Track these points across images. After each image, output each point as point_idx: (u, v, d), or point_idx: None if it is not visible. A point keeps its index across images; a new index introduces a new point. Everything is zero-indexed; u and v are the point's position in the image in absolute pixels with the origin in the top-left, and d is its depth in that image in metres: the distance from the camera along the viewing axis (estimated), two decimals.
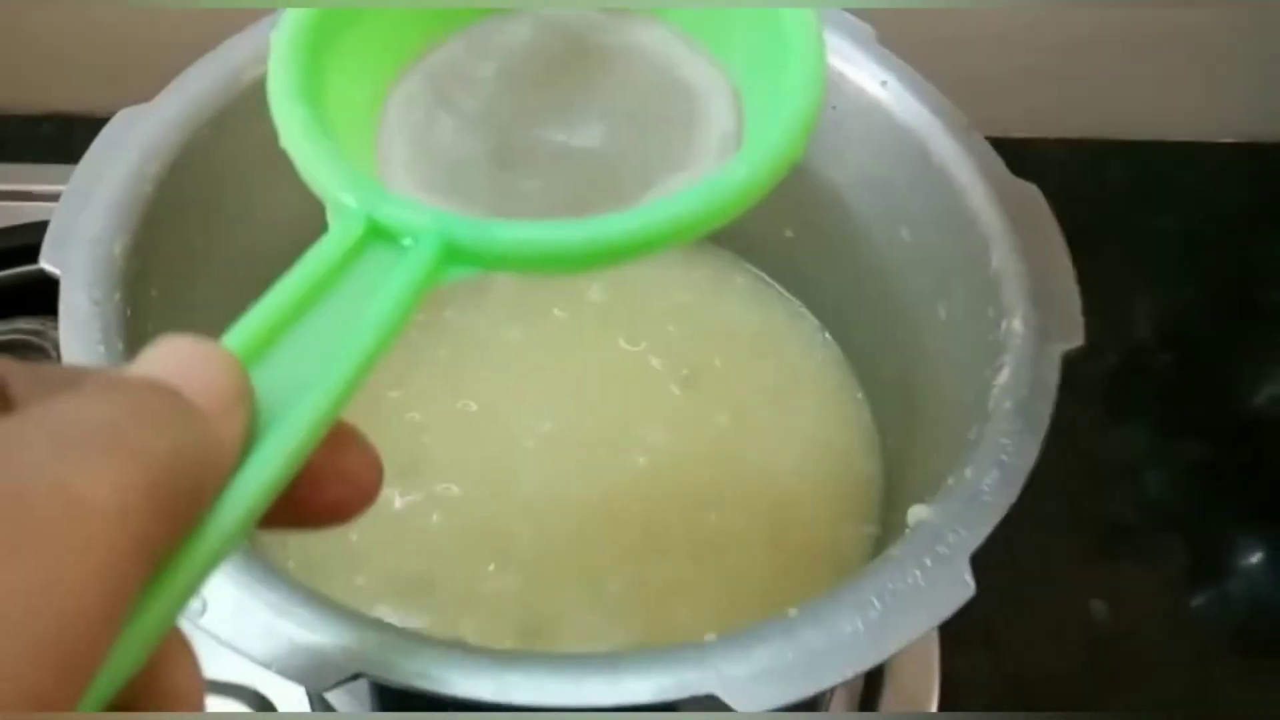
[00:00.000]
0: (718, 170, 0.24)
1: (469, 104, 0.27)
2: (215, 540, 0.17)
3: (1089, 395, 0.57)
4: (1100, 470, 0.55)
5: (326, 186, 0.23)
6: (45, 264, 0.33)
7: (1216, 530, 0.54)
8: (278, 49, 0.25)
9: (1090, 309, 0.36)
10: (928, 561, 0.29)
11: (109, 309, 0.33)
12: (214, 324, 0.19)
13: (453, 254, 0.22)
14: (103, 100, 0.62)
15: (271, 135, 0.39)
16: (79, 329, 0.32)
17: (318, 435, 0.19)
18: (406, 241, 0.22)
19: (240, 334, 0.19)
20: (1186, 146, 0.68)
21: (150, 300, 0.35)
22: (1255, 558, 0.54)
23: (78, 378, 0.17)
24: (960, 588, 0.29)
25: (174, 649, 0.17)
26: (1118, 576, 0.52)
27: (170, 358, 0.17)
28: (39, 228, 0.54)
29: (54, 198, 0.56)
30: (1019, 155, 0.64)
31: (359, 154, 0.25)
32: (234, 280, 0.39)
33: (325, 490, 0.19)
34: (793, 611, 0.28)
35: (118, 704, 0.15)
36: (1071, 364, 0.34)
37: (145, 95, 0.42)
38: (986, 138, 0.40)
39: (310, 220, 0.23)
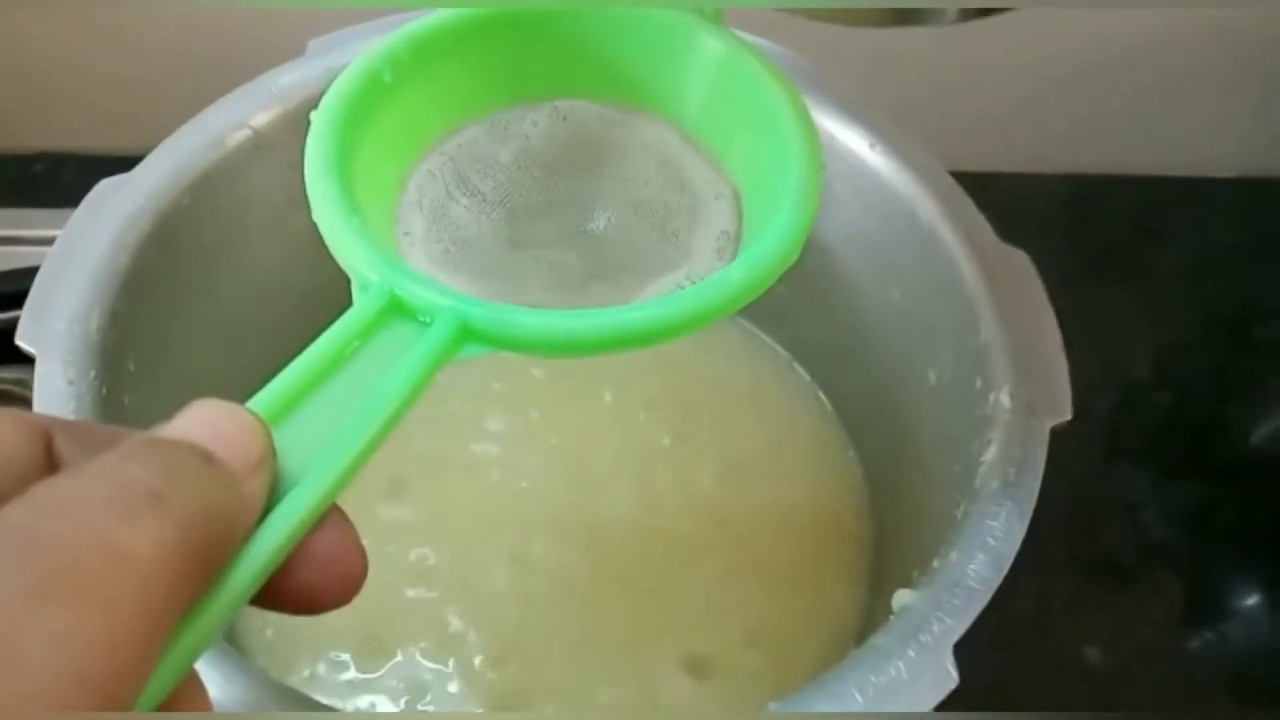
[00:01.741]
0: (719, 272, 0.25)
1: (485, 186, 0.29)
2: (235, 589, 0.18)
3: (1086, 434, 0.56)
4: (1095, 510, 0.55)
5: (353, 262, 0.24)
6: (21, 343, 0.33)
7: (1213, 571, 0.54)
8: (317, 127, 0.26)
9: (1088, 346, 0.35)
10: (911, 653, 0.29)
11: (83, 388, 0.32)
12: (191, 395, 0.20)
13: (468, 334, 0.23)
14: (94, 139, 0.62)
15: (251, 202, 0.39)
16: (54, 410, 0.32)
17: (331, 498, 0.20)
18: (425, 319, 0.23)
19: (265, 398, 0.21)
20: (1185, 182, 0.67)
21: (127, 374, 0.34)
22: (1252, 600, 0.53)
23: (115, 436, 0.19)
24: (944, 679, 0.28)
25: (191, 686, 0.18)
26: (1113, 618, 0.52)
27: (203, 420, 0.19)
28: (28, 274, 0.55)
29: (45, 242, 0.57)
30: (1019, 190, 0.64)
31: (379, 223, 0.27)
32: (212, 350, 0.39)
33: (294, 571, 0.19)
34: (773, 706, 0.28)
35: None
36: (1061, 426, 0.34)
37: (136, 134, 0.41)
38: (989, 173, 0.40)
39: (288, 289, 0.23)
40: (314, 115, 0.26)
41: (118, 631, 0.15)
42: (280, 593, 0.19)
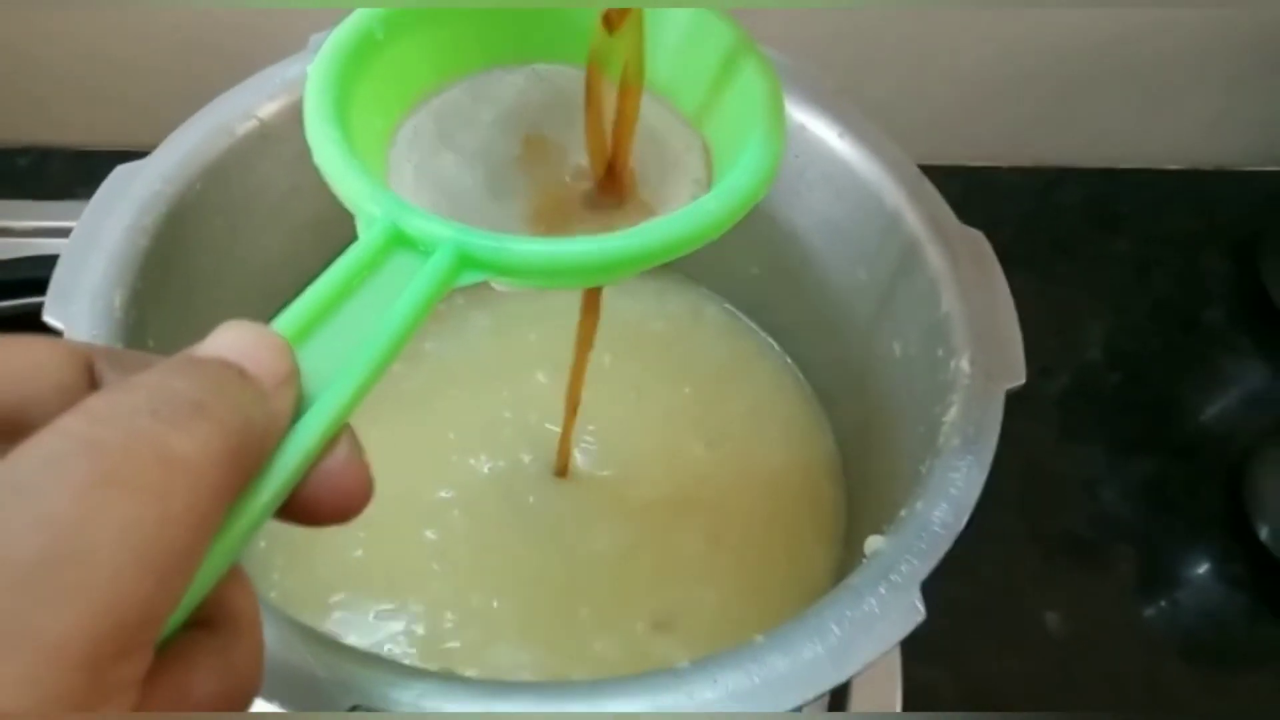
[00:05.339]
0: (695, 202, 0.27)
1: (468, 142, 0.31)
2: (268, 494, 0.20)
3: (1043, 414, 0.59)
4: (1054, 486, 0.57)
5: (356, 199, 0.26)
6: (49, 318, 0.34)
7: (1166, 543, 0.56)
8: (313, 79, 0.28)
9: (1044, 330, 0.37)
10: (882, 590, 0.31)
11: None
12: None
13: (467, 261, 0.25)
14: (80, 133, 0.63)
15: (259, 189, 0.41)
16: None
17: (349, 411, 0.22)
18: (426, 249, 0.25)
19: (285, 322, 0.22)
20: (1136, 173, 0.70)
21: (147, 350, 0.36)
22: (1202, 569, 0.56)
23: (147, 359, 0.20)
24: (911, 613, 0.31)
25: (235, 577, 0.20)
26: (1072, 588, 0.54)
27: (234, 340, 0.20)
28: (16, 264, 0.55)
29: (31, 234, 0.58)
30: (977, 182, 0.66)
31: (375, 172, 0.28)
32: None
33: (307, 484, 0.21)
34: (759, 638, 0.30)
35: (198, 617, 0.19)
36: (1026, 384, 0.36)
37: (122, 127, 0.42)
38: (946, 166, 0.41)
39: (299, 265, 0.25)
40: (310, 69, 0.28)
41: (172, 522, 0.17)
42: (294, 504, 0.21)
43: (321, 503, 0.21)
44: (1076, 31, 0.63)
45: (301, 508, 0.21)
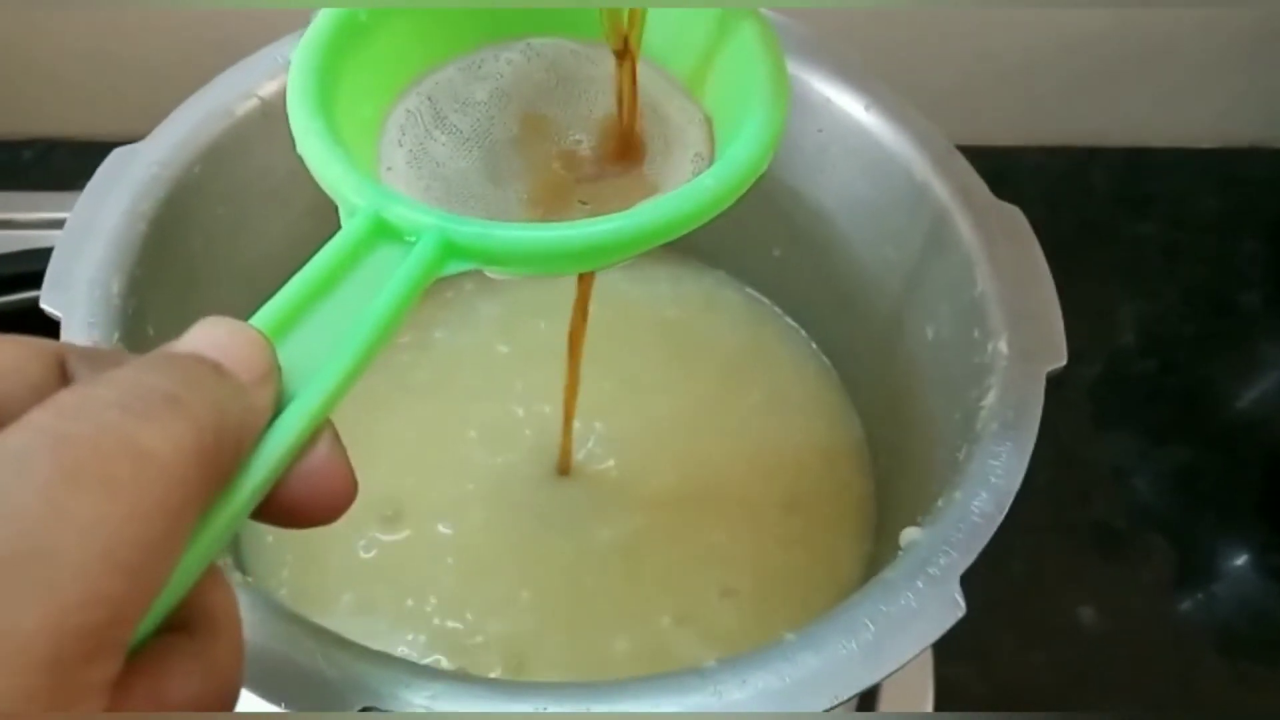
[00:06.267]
0: (692, 181, 0.26)
1: (463, 124, 0.30)
2: (245, 492, 0.19)
3: (1074, 402, 0.58)
4: (1086, 476, 0.56)
5: (339, 188, 0.25)
6: (46, 306, 0.34)
7: (1201, 534, 0.55)
8: (297, 64, 0.27)
9: (1074, 316, 0.36)
10: (919, 584, 0.30)
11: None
12: None
13: (452, 250, 0.24)
14: (84, 125, 0.63)
15: (260, 170, 0.40)
16: None
17: (331, 407, 0.21)
18: (410, 238, 0.24)
19: (265, 316, 0.22)
20: (1166, 153, 0.69)
21: (147, 338, 0.35)
22: (1240, 560, 0.55)
23: (122, 357, 0.20)
24: (951, 608, 0.29)
25: (212, 575, 0.20)
26: (1105, 581, 0.53)
27: (211, 336, 0.20)
28: (21, 257, 0.55)
29: (35, 225, 0.57)
30: (1003, 163, 0.65)
31: (363, 161, 0.28)
32: (227, 313, 0.39)
33: (287, 484, 0.20)
34: (790, 636, 0.29)
35: (174, 620, 0.19)
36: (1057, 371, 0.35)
37: (126, 119, 0.42)
38: (972, 146, 0.40)
39: (300, 251, 0.24)
40: (293, 55, 0.27)
41: (142, 519, 0.16)
42: (273, 504, 0.20)
43: (301, 503, 0.21)
44: (1106, 5, 0.62)
45: (280, 508, 0.20)
